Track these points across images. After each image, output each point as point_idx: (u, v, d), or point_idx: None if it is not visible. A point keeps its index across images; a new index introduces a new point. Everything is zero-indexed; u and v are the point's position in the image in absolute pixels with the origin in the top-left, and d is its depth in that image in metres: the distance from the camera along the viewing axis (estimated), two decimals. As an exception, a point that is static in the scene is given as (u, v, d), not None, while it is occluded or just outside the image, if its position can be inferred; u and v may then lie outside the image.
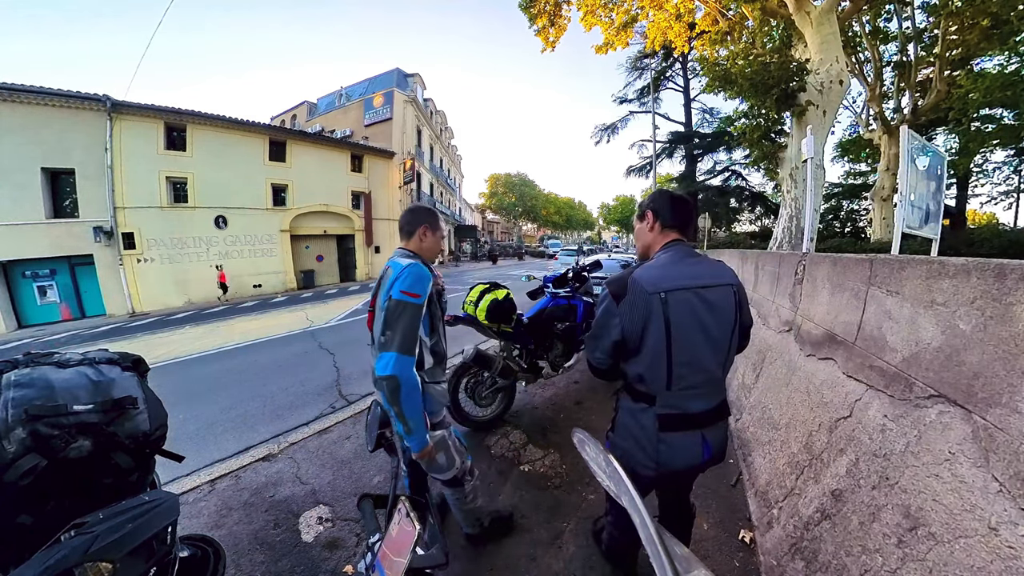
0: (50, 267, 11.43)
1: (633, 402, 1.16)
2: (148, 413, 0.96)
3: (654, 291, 1.06)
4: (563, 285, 3.59)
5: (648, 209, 1.22)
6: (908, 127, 2.94)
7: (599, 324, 1.17)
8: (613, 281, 1.15)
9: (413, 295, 1.31)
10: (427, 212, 1.58)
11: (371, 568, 0.85)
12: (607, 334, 1.14)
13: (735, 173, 17.97)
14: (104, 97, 11.10)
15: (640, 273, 1.10)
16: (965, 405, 0.98)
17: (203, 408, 3.77)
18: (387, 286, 1.36)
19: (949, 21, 9.01)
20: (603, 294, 1.17)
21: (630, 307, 1.08)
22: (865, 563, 1.13)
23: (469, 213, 48.02)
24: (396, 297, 1.29)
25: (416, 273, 1.34)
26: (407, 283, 1.31)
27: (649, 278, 1.09)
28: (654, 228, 1.21)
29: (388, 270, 1.43)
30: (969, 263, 1.03)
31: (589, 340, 1.24)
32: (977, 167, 14.55)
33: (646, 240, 1.25)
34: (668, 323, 1.05)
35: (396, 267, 1.40)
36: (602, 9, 9.35)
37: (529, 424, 3.03)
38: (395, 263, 1.44)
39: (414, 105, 22.53)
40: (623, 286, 1.10)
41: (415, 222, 1.54)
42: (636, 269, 1.13)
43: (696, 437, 1.14)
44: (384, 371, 1.24)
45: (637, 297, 1.07)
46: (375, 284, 1.52)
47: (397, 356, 1.25)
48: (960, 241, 7.28)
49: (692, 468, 1.18)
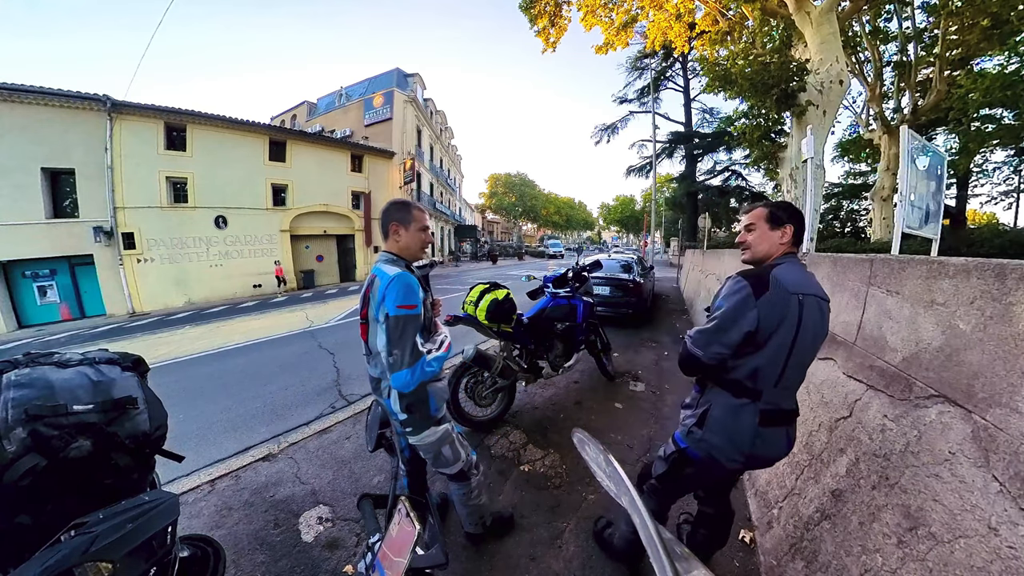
0: (50, 267, 11.42)
1: (735, 397, 1.20)
2: (148, 413, 0.96)
3: (795, 292, 1.12)
4: (563, 285, 3.59)
5: (789, 224, 1.25)
6: (908, 127, 2.94)
7: (729, 316, 1.16)
8: (752, 275, 1.18)
9: (409, 307, 1.32)
10: (397, 207, 1.49)
11: (371, 568, 0.85)
12: (738, 326, 1.14)
13: (735, 173, 17.98)
14: (104, 97, 11.10)
15: (780, 273, 1.16)
16: (965, 405, 0.98)
17: (203, 408, 3.77)
18: (378, 299, 1.35)
19: (949, 21, 9.00)
20: (736, 287, 1.17)
21: (770, 302, 1.12)
22: (865, 563, 1.13)
23: (469, 213, 48.01)
24: (393, 314, 1.30)
25: (404, 284, 1.33)
26: (399, 297, 1.31)
27: (791, 280, 1.15)
28: (786, 240, 1.24)
29: (375, 280, 1.39)
30: (969, 263, 1.03)
31: (709, 333, 1.20)
32: (977, 167, 14.54)
33: (771, 248, 1.26)
34: (800, 324, 1.12)
35: (382, 277, 1.37)
36: (602, 9, 9.35)
37: (529, 424, 3.03)
38: (381, 272, 1.40)
39: (414, 105, 22.52)
40: (765, 282, 1.14)
41: (386, 220, 1.48)
42: (776, 269, 1.18)
43: (783, 432, 1.22)
44: (406, 388, 1.33)
45: (778, 294, 1.12)
46: (363, 290, 1.49)
47: (410, 368, 1.31)
48: (960, 241, 7.26)
49: (776, 459, 1.26)
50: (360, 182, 18.44)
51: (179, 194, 13.27)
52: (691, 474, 1.34)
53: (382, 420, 1.42)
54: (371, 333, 1.43)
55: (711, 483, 1.43)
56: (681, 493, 1.48)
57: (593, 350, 3.88)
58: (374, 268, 1.45)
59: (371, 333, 1.43)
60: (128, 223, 11.98)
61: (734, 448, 1.20)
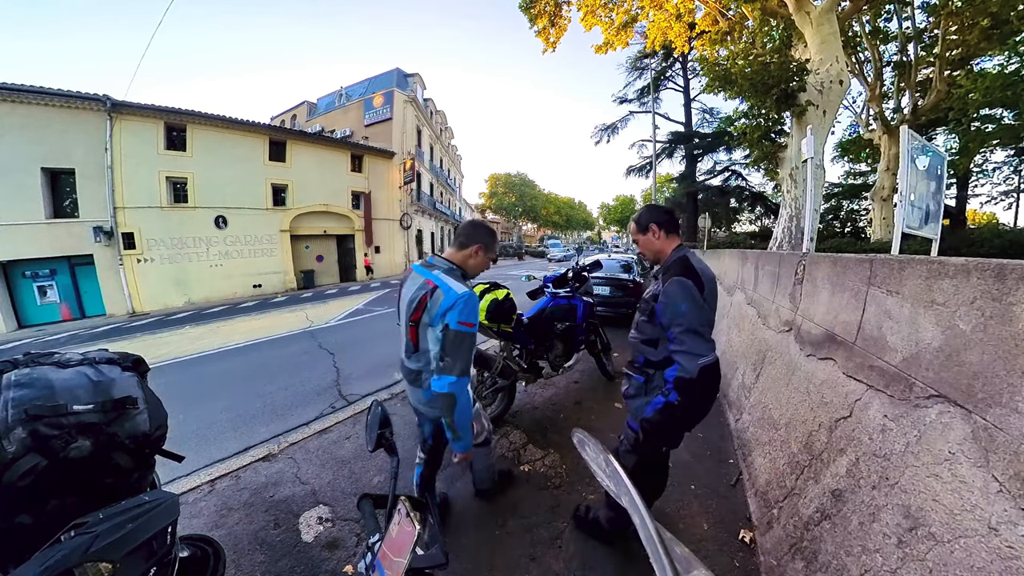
0: (50, 267, 11.42)
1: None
2: (148, 413, 0.96)
3: (712, 277, 1.35)
4: (563, 285, 3.59)
5: (652, 223, 1.46)
6: (908, 127, 2.94)
7: (697, 316, 1.24)
8: (684, 273, 1.30)
9: (469, 325, 1.40)
10: (488, 233, 1.61)
11: (371, 568, 0.84)
12: (707, 319, 1.28)
13: (735, 173, 17.94)
14: (104, 97, 11.09)
15: (697, 264, 1.34)
16: (965, 405, 0.98)
17: (203, 408, 3.77)
18: (438, 310, 1.41)
19: (949, 21, 9.00)
20: (684, 286, 1.27)
21: (710, 293, 1.31)
22: (865, 563, 1.13)
23: (469, 213, 47.99)
24: (454, 328, 1.37)
25: (472, 304, 1.41)
26: (464, 315, 1.38)
27: (704, 267, 1.35)
28: (660, 236, 1.46)
29: (437, 291, 1.43)
30: (969, 263, 1.03)
31: (696, 338, 1.23)
32: (977, 167, 14.54)
33: (656, 247, 1.47)
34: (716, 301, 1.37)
35: (447, 291, 1.41)
36: (602, 9, 9.35)
37: (529, 424, 3.03)
38: (444, 285, 1.44)
39: (414, 105, 22.51)
40: (697, 276, 1.29)
41: (474, 237, 1.56)
42: (688, 261, 1.35)
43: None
44: (443, 389, 1.39)
45: (710, 284, 1.32)
46: (404, 287, 1.59)
47: (457, 379, 1.39)
48: (960, 241, 7.27)
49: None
50: (360, 182, 18.44)
51: (179, 194, 13.26)
52: (655, 450, 1.48)
53: (382, 420, 1.42)
54: (421, 335, 1.51)
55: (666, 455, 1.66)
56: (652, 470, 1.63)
57: (593, 350, 3.88)
58: (432, 277, 1.49)
59: (421, 335, 1.51)
60: (128, 223, 11.98)
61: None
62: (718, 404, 3.25)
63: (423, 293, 1.47)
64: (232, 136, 14.09)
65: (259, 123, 14.87)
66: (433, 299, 1.43)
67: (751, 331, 3.29)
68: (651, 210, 1.50)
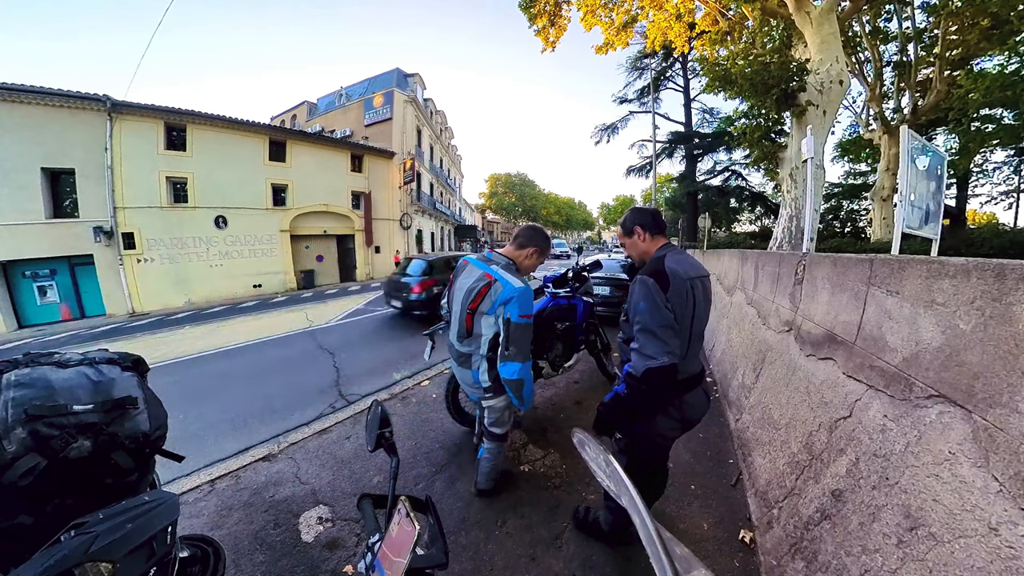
0: (50, 267, 11.41)
1: None
2: (148, 413, 0.96)
3: (687, 277, 1.31)
4: (563, 285, 3.59)
5: (636, 226, 1.49)
6: (908, 127, 2.94)
7: (652, 316, 1.23)
8: (651, 272, 1.30)
9: (528, 316, 1.62)
10: (544, 238, 1.82)
11: (371, 568, 0.84)
12: (667, 320, 1.24)
13: (735, 173, 17.94)
14: (104, 97, 11.09)
15: (671, 264, 1.32)
16: (965, 405, 0.97)
17: (203, 408, 3.77)
18: (498, 300, 1.62)
19: (949, 21, 9.00)
20: (646, 286, 1.26)
21: (676, 293, 1.27)
22: (865, 563, 1.13)
23: (469, 213, 47.98)
24: (516, 320, 1.60)
25: (528, 297, 1.63)
26: (524, 308, 1.60)
27: (681, 268, 1.32)
28: (645, 238, 1.49)
29: (495, 283, 1.65)
30: (969, 263, 1.03)
31: (649, 338, 1.22)
32: (977, 167, 14.54)
33: (641, 249, 1.50)
34: (695, 303, 1.32)
35: (506, 285, 1.63)
36: (602, 9, 9.35)
37: (529, 424, 3.03)
38: (503, 279, 1.66)
39: (414, 105, 22.51)
40: (664, 275, 1.28)
41: (532, 239, 1.79)
42: (661, 261, 1.34)
43: (700, 391, 1.45)
44: (513, 375, 1.64)
45: (678, 284, 1.28)
46: (459, 279, 1.81)
47: (522, 365, 1.64)
48: (960, 241, 7.26)
49: (703, 415, 1.47)
50: (360, 182, 18.42)
51: (179, 194, 13.25)
52: (644, 452, 1.51)
53: (382, 420, 1.42)
54: (476, 322, 1.72)
55: (660, 457, 1.65)
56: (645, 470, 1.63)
57: (593, 350, 3.88)
58: (491, 271, 1.71)
59: (476, 322, 1.72)
60: (128, 223, 11.97)
61: (671, 420, 1.40)
62: (718, 404, 3.25)
63: (482, 285, 1.68)
64: (232, 136, 14.08)
65: (259, 123, 14.86)
66: (492, 291, 1.65)
67: (751, 331, 3.29)
68: (635, 213, 1.53)
